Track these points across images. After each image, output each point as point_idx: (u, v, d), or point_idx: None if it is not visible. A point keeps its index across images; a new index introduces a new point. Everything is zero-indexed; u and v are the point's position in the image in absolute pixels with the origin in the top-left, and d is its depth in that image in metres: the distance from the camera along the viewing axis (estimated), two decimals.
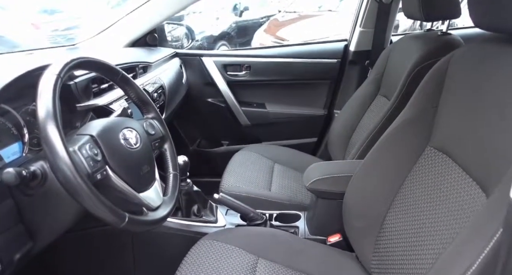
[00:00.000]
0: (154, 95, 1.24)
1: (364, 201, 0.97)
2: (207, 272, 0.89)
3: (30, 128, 0.83)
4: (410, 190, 0.86)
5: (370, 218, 0.94)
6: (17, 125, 0.79)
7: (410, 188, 0.86)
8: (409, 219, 0.83)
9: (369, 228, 0.95)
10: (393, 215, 0.90)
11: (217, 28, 5.31)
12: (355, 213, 1.00)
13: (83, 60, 0.71)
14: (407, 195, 0.86)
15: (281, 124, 1.95)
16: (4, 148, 0.75)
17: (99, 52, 1.47)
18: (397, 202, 0.89)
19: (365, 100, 1.55)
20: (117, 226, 0.63)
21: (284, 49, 1.91)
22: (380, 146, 0.98)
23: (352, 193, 1.02)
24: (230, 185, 1.35)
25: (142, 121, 0.86)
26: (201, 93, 1.87)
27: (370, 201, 0.95)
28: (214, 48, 4.87)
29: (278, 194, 1.33)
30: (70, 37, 3.24)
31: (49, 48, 1.53)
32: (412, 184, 0.86)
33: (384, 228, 0.91)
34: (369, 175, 0.98)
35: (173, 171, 0.89)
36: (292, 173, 1.53)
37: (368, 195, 0.96)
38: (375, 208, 0.93)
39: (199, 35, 4.93)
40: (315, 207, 1.15)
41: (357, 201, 1.00)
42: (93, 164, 0.64)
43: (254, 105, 1.92)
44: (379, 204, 0.93)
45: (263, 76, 1.86)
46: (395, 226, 0.88)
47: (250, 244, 1.00)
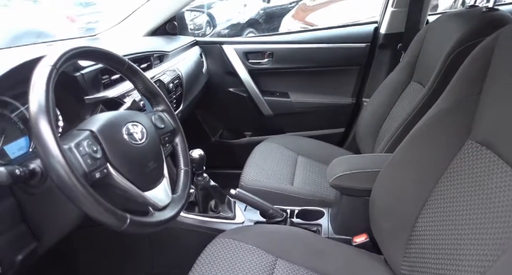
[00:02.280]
0: (170, 86, 1.19)
1: (393, 200, 0.88)
2: (222, 273, 0.84)
3: None
4: (447, 189, 0.76)
5: (400, 218, 0.85)
6: (23, 120, 0.76)
7: (446, 187, 0.76)
8: (446, 223, 0.73)
9: (398, 230, 0.86)
10: (427, 216, 0.80)
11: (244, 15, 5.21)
12: (383, 213, 0.91)
13: (83, 50, 0.66)
14: (443, 196, 0.76)
15: (306, 114, 1.85)
16: (10, 143, 0.73)
17: (117, 42, 1.44)
18: (431, 203, 0.79)
19: (397, 87, 1.43)
20: (118, 228, 0.59)
21: (309, 34, 1.80)
22: (412, 139, 0.88)
23: (379, 190, 0.93)
24: (250, 178, 1.29)
25: (151, 114, 0.81)
26: (222, 82, 1.82)
27: (399, 200, 0.86)
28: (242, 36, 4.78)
29: (301, 189, 1.26)
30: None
31: (70, 39, 1.52)
32: (449, 183, 0.76)
33: (416, 231, 0.81)
34: (399, 171, 0.88)
35: (185, 166, 0.84)
36: (317, 166, 1.44)
37: (398, 193, 0.87)
38: (406, 208, 0.84)
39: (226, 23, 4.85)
40: (339, 204, 1.07)
41: (385, 199, 0.91)
42: (91, 162, 0.59)
43: (277, 94, 1.84)
44: (410, 204, 0.83)
45: (286, 64, 1.77)
46: (429, 229, 0.78)
47: (268, 243, 0.94)
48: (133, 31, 1.63)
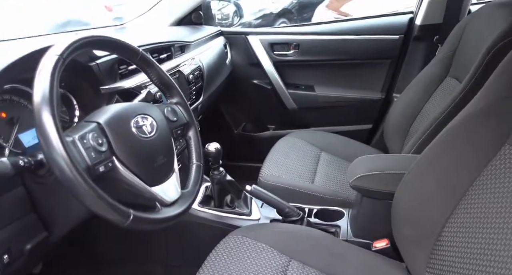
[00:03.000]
0: (190, 77, 1.17)
1: (417, 206, 0.82)
2: (232, 272, 0.81)
3: None
4: (479, 198, 0.68)
5: (425, 226, 0.79)
6: None
7: (479, 195, 0.69)
8: (477, 233, 0.66)
9: (422, 238, 0.79)
10: (454, 226, 0.73)
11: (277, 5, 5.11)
12: (406, 218, 0.84)
13: (92, 40, 0.64)
14: (474, 205, 0.69)
15: (331, 109, 1.78)
16: (25, 131, 0.73)
17: (140, 31, 1.44)
18: (460, 212, 0.72)
19: (431, 82, 1.33)
20: (121, 224, 0.57)
21: (337, 25, 1.71)
22: (443, 139, 0.81)
23: (403, 194, 0.86)
24: (269, 174, 1.26)
25: (164, 106, 0.79)
26: (247, 74, 1.78)
27: (425, 206, 0.79)
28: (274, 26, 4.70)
29: (321, 187, 1.21)
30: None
31: (96, 29, 1.54)
32: (481, 191, 0.68)
33: (442, 240, 0.75)
34: (426, 175, 0.82)
35: (197, 161, 0.81)
36: (340, 163, 1.38)
37: (423, 198, 0.80)
38: (431, 215, 0.77)
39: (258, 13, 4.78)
40: (359, 205, 1.01)
41: (409, 204, 0.84)
42: (95, 155, 0.58)
43: (302, 87, 1.78)
44: (436, 211, 0.77)
45: (313, 56, 1.70)
46: (457, 240, 0.71)
47: (283, 243, 0.91)
48: (159, 21, 1.62)
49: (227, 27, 1.90)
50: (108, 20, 3.65)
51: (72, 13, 3.17)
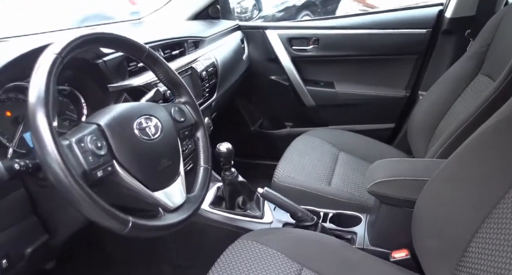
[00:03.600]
0: (203, 74, 1.13)
1: (441, 216, 0.75)
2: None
3: (60, 110, 0.79)
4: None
5: (449, 239, 0.72)
6: None
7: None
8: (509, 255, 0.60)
9: (446, 252, 0.73)
10: (483, 241, 0.66)
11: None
12: (428, 230, 0.78)
13: (94, 37, 0.62)
14: (506, 219, 0.62)
15: (352, 107, 1.71)
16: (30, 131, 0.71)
17: (154, 26, 1.42)
18: (490, 225, 0.65)
19: (460, 80, 1.24)
20: (119, 232, 0.54)
21: (359, 18, 1.63)
22: (472, 144, 0.73)
23: (425, 203, 0.80)
24: (283, 175, 1.21)
25: (171, 106, 0.75)
26: (264, 70, 1.73)
27: (450, 218, 0.73)
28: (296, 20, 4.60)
29: (338, 190, 1.15)
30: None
31: (114, 23, 1.52)
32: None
33: (468, 256, 0.68)
34: (452, 183, 0.75)
35: (205, 164, 0.78)
36: (360, 164, 1.32)
37: (448, 209, 0.74)
38: (457, 227, 0.71)
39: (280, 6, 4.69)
40: (378, 211, 0.95)
41: (432, 214, 0.78)
42: (92, 159, 0.55)
43: (321, 84, 1.71)
44: (462, 223, 0.70)
45: (333, 51, 1.63)
46: (485, 257, 0.65)
47: (295, 249, 0.86)
48: (175, 15, 1.59)
49: (245, 21, 1.85)
50: (129, 14, 3.66)
51: (97, 6, 3.19)
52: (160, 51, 1.00)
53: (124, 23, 1.52)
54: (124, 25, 1.45)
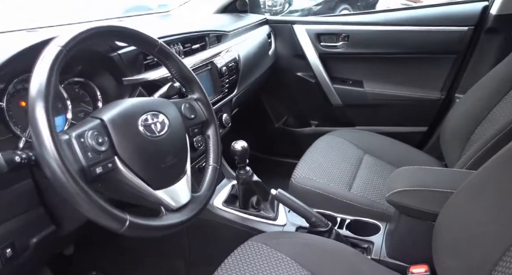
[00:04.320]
0: (223, 69, 1.11)
1: (466, 233, 0.68)
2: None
3: (76, 101, 0.79)
4: None
5: (473, 259, 0.66)
6: (62, 98, 0.75)
7: None
8: None
9: (470, 272, 0.66)
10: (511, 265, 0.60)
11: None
12: (450, 246, 0.72)
13: (103, 30, 0.61)
14: None
15: (381, 108, 1.62)
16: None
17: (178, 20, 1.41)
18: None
19: (503, 83, 1.13)
20: (116, 231, 0.54)
21: (395, 14, 1.54)
22: (507, 155, 0.66)
23: (449, 217, 0.73)
24: (302, 176, 1.17)
25: (182, 103, 0.74)
26: (290, 66, 1.68)
27: (475, 235, 0.66)
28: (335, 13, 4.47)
29: (358, 196, 1.09)
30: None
31: (141, 15, 1.54)
32: None
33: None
34: (480, 196, 0.68)
35: (214, 163, 0.76)
36: (385, 168, 1.25)
37: (474, 226, 0.67)
38: (482, 246, 0.64)
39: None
40: (397, 221, 0.89)
41: (455, 230, 0.71)
42: (92, 155, 0.54)
43: (349, 82, 1.63)
44: (489, 243, 0.63)
45: (364, 48, 1.55)
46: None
47: (306, 256, 0.83)
48: (203, 8, 1.58)
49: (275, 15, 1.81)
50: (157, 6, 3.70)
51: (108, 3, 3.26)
52: (180, 45, 0.98)
53: (151, 15, 1.53)
54: (150, 18, 1.45)
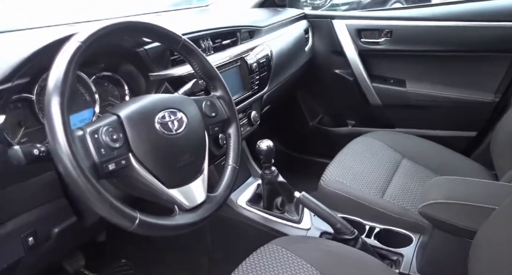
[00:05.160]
0: (254, 66, 1.08)
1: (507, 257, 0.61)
2: None
3: (104, 95, 0.81)
4: None
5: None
6: (90, 92, 0.77)
7: None
8: None
9: None
10: None
11: None
12: (489, 269, 0.64)
13: (124, 26, 0.61)
14: None
15: (425, 109, 1.50)
16: (73, 114, 0.74)
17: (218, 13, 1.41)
18: None
19: None
20: (126, 228, 0.54)
21: (446, 8, 1.41)
22: None
23: (489, 236, 0.65)
24: (332, 179, 1.11)
25: (203, 100, 0.72)
26: (328, 62, 1.61)
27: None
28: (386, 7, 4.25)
29: (390, 203, 1.02)
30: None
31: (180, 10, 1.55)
32: None
33: None
34: None
35: (233, 163, 0.74)
36: (425, 175, 1.15)
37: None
38: None
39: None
40: (431, 234, 0.82)
41: (495, 251, 0.63)
42: (105, 152, 0.54)
43: (390, 81, 1.54)
44: None
45: (408, 45, 1.44)
46: None
47: (327, 264, 0.79)
48: (241, 2, 1.57)
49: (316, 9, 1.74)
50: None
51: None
52: (209, 40, 0.97)
53: (190, 10, 1.53)
54: (187, 13, 1.46)
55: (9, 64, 0.57)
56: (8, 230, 0.60)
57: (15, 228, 0.61)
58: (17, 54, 0.58)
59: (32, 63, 0.59)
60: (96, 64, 0.78)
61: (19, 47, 0.60)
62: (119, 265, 1.27)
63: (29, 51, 0.58)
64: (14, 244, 0.61)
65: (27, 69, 0.59)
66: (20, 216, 0.61)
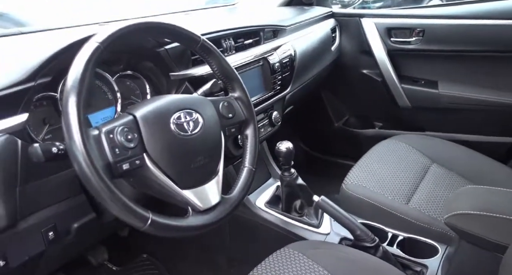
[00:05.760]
0: (276, 66, 1.06)
1: None
2: None
3: (126, 94, 0.82)
4: None
5: None
6: (113, 91, 0.79)
7: None
8: None
9: None
10: None
11: None
12: None
13: (142, 27, 0.61)
14: None
15: (458, 112, 1.42)
16: (95, 112, 0.76)
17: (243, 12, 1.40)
18: None
19: None
20: (138, 228, 0.54)
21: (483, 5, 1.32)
22: None
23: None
24: (355, 182, 1.07)
25: (220, 101, 0.72)
26: (355, 62, 1.56)
27: None
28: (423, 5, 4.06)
29: (416, 210, 0.97)
30: None
31: (206, 9, 1.56)
32: None
33: None
34: None
35: (249, 164, 0.73)
36: (456, 182, 1.08)
37: None
38: None
39: None
40: (458, 246, 0.78)
41: None
42: (119, 152, 0.55)
43: (421, 82, 1.47)
44: None
45: (441, 45, 1.37)
46: None
47: (344, 272, 0.76)
48: (268, 1, 1.55)
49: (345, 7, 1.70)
50: None
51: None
52: (231, 40, 0.97)
53: (217, 9, 1.54)
54: (214, 12, 1.46)
55: (32, 64, 0.58)
56: (29, 224, 0.62)
57: (36, 223, 0.63)
58: (40, 54, 0.60)
59: (54, 63, 0.60)
60: (118, 63, 0.80)
61: (42, 48, 0.62)
62: (140, 260, 1.30)
63: (51, 51, 0.60)
64: (36, 238, 0.63)
65: (49, 69, 0.60)
66: (41, 211, 0.63)
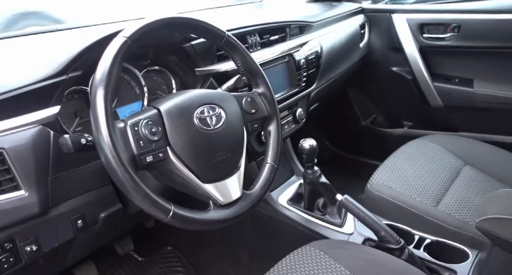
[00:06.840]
0: (301, 62, 1.05)
1: None
2: None
3: (153, 89, 0.84)
4: None
5: None
6: (140, 85, 0.81)
7: None
8: None
9: None
10: None
11: None
12: None
13: (168, 22, 0.62)
14: None
15: (494, 112, 1.35)
16: (123, 106, 0.78)
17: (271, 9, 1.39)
18: None
19: None
20: (160, 220, 0.55)
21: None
22: None
23: None
24: (380, 183, 1.05)
25: (243, 97, 0.72)
26: (385, 59, 1.52)
27: None
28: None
29: (446, 213, 0.93)
30: None
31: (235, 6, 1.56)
32: None
33: None
34: None
35: (271, 161, 0.72)
36: (489, 184, 1.03)
37: None
38: None
39: None
40: (491, 252, 0.74)
41: None
42: (143, 144, 0.56)
43: (455, 81, 1.40)
44: None
45: (478, 41, 1.30)
46: None
47: (367, 274, 0.75)
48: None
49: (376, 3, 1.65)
50: None
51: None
52: (257, 36, 0.96)
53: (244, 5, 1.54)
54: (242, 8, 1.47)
55: (64, 58, 0.61)
56: (60, 212, 0.65)
57: (66, 211, 0.66)
58: (71, 49, 0.62)
59: (84, 58, 0.63)
60: (145, 58, 0.82)
61: (74, 44, 0.64)
62: (165, 252, 1.33)
63: (81, 47, 0.62)
64: (65, 226, 0.66)
65: (80, 63, 0.63)
66: (70, 200, 0.66)
